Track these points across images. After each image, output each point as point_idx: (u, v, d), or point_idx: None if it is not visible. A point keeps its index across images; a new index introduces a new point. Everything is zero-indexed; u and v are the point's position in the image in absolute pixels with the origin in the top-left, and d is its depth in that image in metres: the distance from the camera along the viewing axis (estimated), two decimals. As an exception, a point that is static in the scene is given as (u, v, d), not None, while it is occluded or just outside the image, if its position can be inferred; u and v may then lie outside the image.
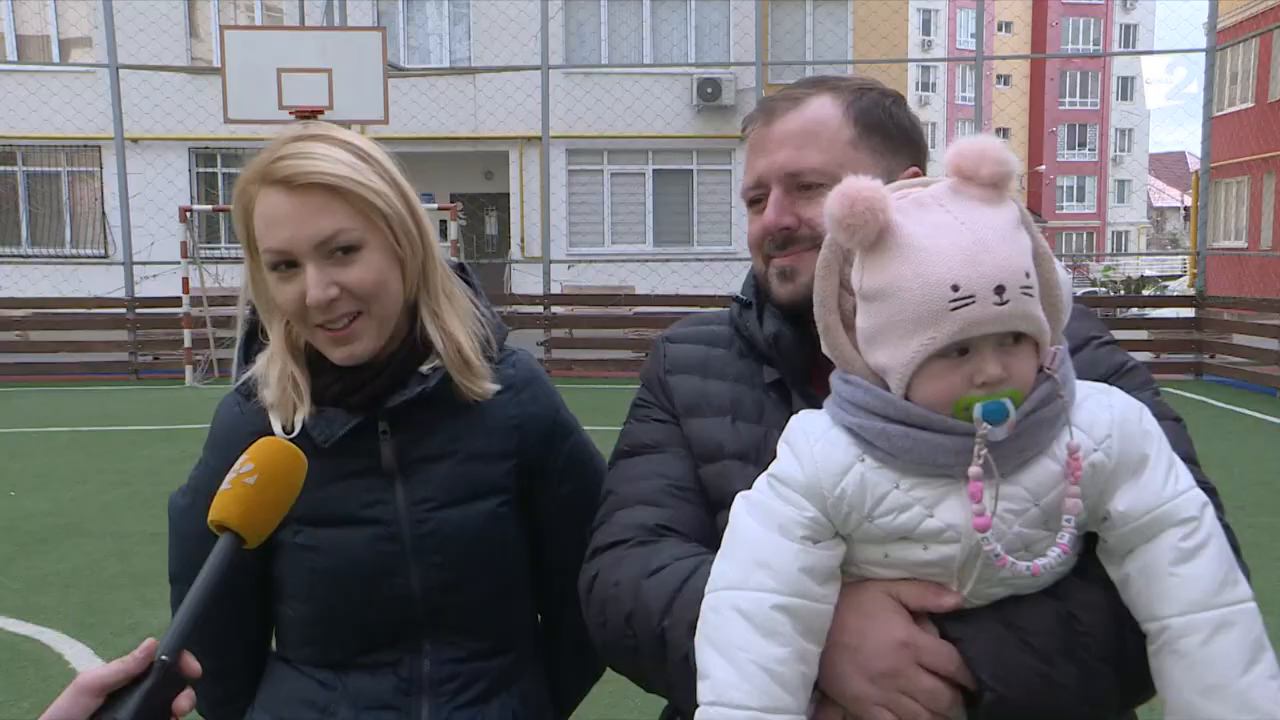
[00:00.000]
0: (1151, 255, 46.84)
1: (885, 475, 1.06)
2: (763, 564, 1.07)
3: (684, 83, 18.94)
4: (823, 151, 1.27)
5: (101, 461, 8.29)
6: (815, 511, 1.08)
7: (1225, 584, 1.03)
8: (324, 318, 1.37)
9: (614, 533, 1.31)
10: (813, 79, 1.36)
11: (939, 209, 1.05)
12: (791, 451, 1.11)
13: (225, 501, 1.16)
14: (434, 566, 1.43)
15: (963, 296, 1.00)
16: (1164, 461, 1.07)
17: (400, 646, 1.45)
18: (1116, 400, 1.10)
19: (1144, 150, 65.76)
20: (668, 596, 1.19)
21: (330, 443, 1.41)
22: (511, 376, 1.51)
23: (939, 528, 1.05)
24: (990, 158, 1.04)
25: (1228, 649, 1.01)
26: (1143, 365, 1.31)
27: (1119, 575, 1.07)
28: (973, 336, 1.01)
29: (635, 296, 15.11)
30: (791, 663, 1.05)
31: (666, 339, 1.48)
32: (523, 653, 1.54)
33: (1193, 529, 1.04)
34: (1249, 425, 10.02)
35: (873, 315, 1.06)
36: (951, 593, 1.08)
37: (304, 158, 1.36)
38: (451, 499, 1.44)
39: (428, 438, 1.45)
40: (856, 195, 1.03)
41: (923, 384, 1.04)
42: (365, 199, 1.36)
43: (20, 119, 18.14)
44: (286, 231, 1.35)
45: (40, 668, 4.18)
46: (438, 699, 1.44)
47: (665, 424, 1.39)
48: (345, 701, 1.44)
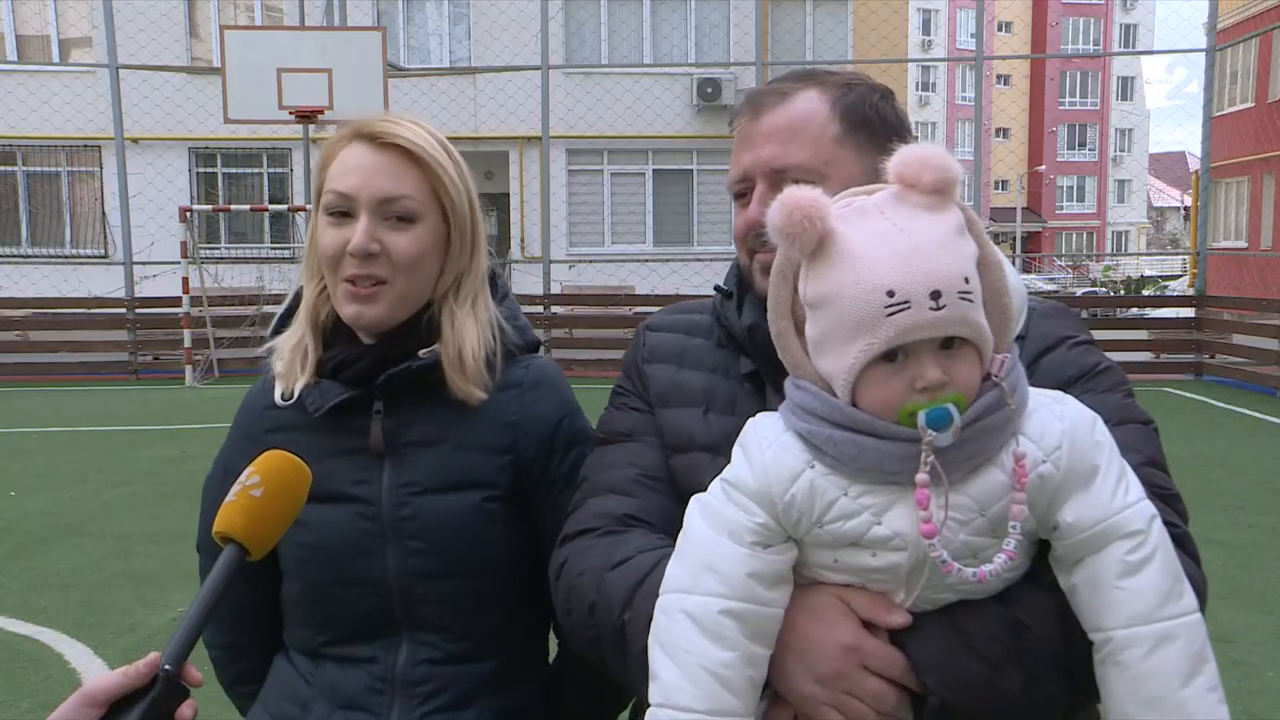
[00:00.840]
0: (1151, 255, 46.86)
1: (834, 482, 1.07)
2: (711, 568, 1.08)
3: (684, 83, 18.93)
4: (808, 148, 1.27)
5: (101, 461, 8.29)
6: (765, 517, 1.08)
7: (1170, 597, 1.04)
8: (355, 271, 1.40)
9: (583, 520, 1.32)
10: (801, 72, 1.36)
11: (880, 217, 1.05)
12: (744, 456, 1.12)
13: (230, 513, 1.16)
14: (410, 552, 1.43)
15: (898, 302, 1.01)
16: (1114, 473, 1.08)
17: (377, 641, 1.44)
18: (1069, 410, 1.10)
19: (1144, 150, 65.78)
20: (629, 590, 1.20)
21: (320, 412, 1.43)
22: (520, 377, 1.51)
23: (886, 535, 1.05)
24: (932, 165, 1.05)
25: (1169, 661, 1.02)
26: (1116, 366, 1.31)
27: (1067, 584, 1.08)
28: (909, 342, 1.02)
29: (635, 296, 15.11)
30: (738, 666, 1.06)
31: (647, 327, 1.49)
32: (511, 665, 1.50)
33: (1139, 542, 1.05)
34: (1249, 425, 10.02)
35: (817, 323, 1.08)
36: (900, 611, 1.08)
37: (396, 124, 1.43)
38: (435, 485, 1.44)
39: (420, 422, 1.46)
40: (795, 204, 1.04)
41: (865, 390, 1.05)
42: (438, 175, 1.42)
43: (20, 119, 18.14)
44: (356, 179, 1.41)
45: (40, 668, 4.18)
46: (410, 700, 1.43)
47: (640, 413, 1.40)
48: (321, 698, 1.45)
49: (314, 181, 1.49)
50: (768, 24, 17.25)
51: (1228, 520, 6.14)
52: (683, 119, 19.06)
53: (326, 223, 1.43)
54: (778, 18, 19.46)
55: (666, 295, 14.63)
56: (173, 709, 1.06)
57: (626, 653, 1.18)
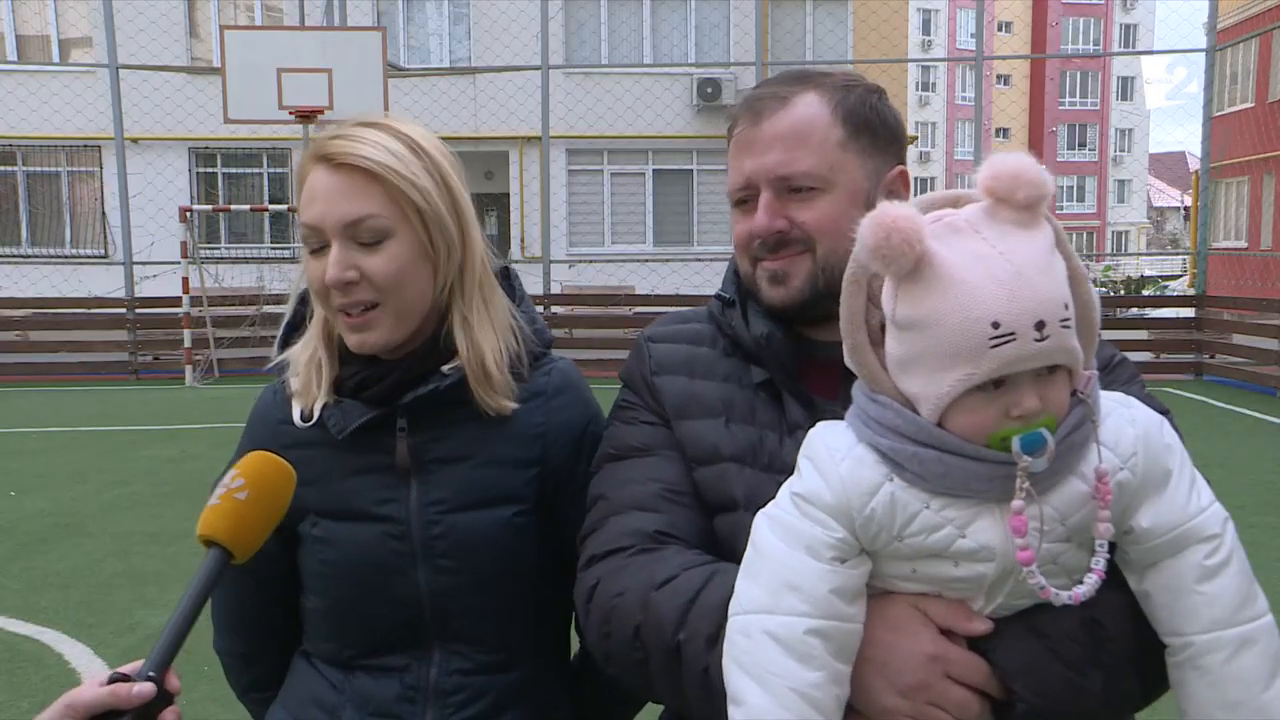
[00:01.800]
0: (1151, 255, 46.83)
1: (915, 495, 1.04)
2: (792, 586, 1.05)
3: (684, 83, 18.93)
4: (813, 154, 1.26)
5: (101, 461, 8.29)
6: (844, 532, 1.06)
7: (1247, 600, 1.04)
8: (341, 301, 1.37)
9: (610, 540, 1.28)
10: (795, 73, 1.34)
11: (975, 236, 1.01)
12: (816, 469, 1.09)
13: (214, 517, 1.15)
14: (442, 570, 1.41)
15: (1003, 334, 0.97)
16: (1186, 476, 1.07)
17: (409, 652, 1.43)
18: (1139, 415, 1.09)
19: (1144, 150, 65.78)
20: (680, 609, 1.16)
21: (344, 434, 1.40)
22: (544, 384, 1.48)
23: (973, 548, 1.03)
24: (1026, 180, 1.01)
25: (1250, 665, 1.01)
26: (1127, 359, 1.32)
27: (1139, 588, 1.07)
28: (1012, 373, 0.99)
29: (635, 296, 15.11)
30: (826, 685, 1.04)
31: (649, 339, 1.45)
32: (539, 669, 1.50)
33: (1216, 546, 1.04)
34: (1249, 425, 10.02)
35: (907, 344, 1.04)
36: (981, 618, 1.07)
37: (353, 140, 1.36)
38: (465, 503, 1.41)
39: (446, 439, 1.43)
40: (893, 225, 0.99)
41: (957, 415, 1.02)
42: (401, 190, 1.35)
43: (20, 119, 18.13)
44: (319, 208, 1.36)
45: (40, 668, 4.18)
46: (443, 710, 1.42)
47: (655, 426, 1.36)
48: (351, 705, 1.43)
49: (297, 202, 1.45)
50: (768, 24, 17.25)
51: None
52: (683, 119, 19.05)
53: (307, 255, 1.39)
54: (778, 18, 19.46)
55: (666, 295, 14.64)
56: (154, 715, 1.05)
57: (683, 674, 1.15)
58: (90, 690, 1.04)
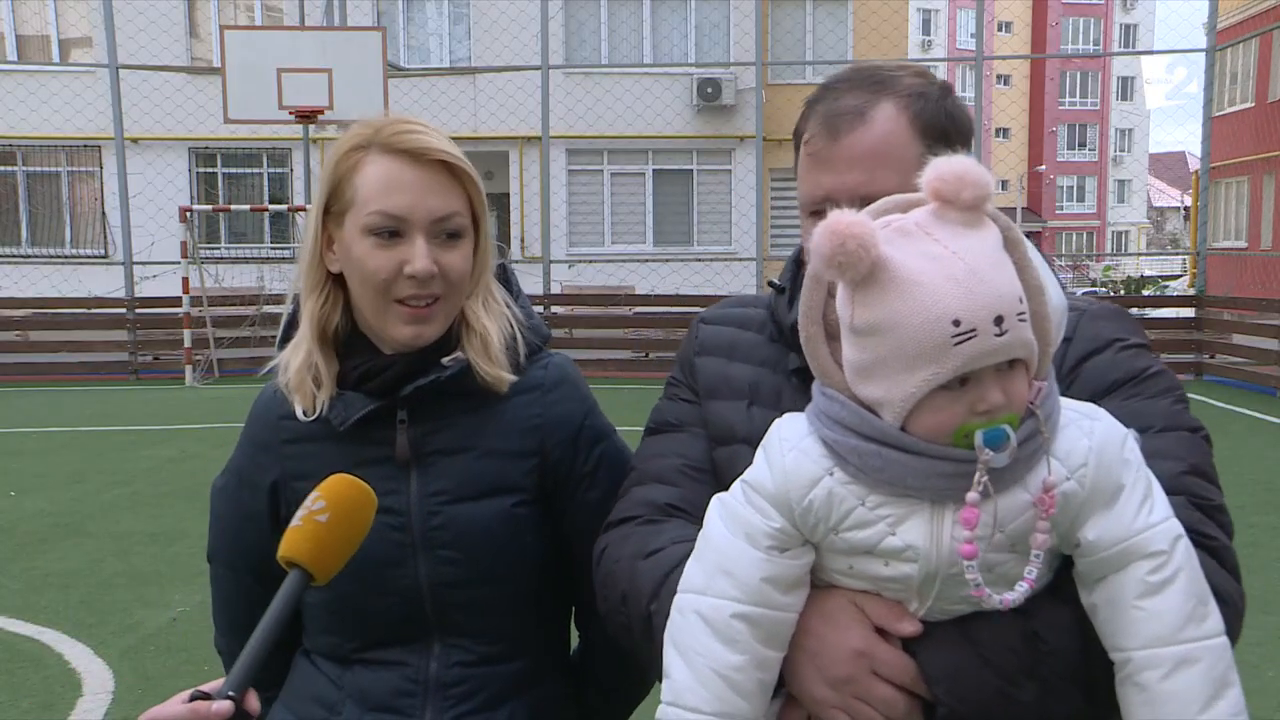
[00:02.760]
0: (1151, 255, 46.85)
1: (853, 490, 1.06)
2: (726, 571, 1.09)
3: (684, 83, 18.93)
4: (895, 173, 1.23)
5: (101, 461, 8.28)
6: (783, 521, 1.08)
7: (1191, 619, 1.02)
8: (415, 291, 1.38)
9: (626, 508, 1.34)
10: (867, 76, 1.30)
11: (927, 238, 1.02)
12: (765, 458, 1.11)
13: (296, 539, 1.16)
14: (443, 560, 1.42)
15: (964, 331, 0.98)
16: (1139, 492, 1.06)
17: (409, 645, 1.44)
18: (1099, 427, 1.08)
19: (1144, 150, 65.79)
20: (657, 581, 1.21)
21: (346, 426, 1.41)
22: (541, 377, 1.50)
23: (899, 546, 1.05)
24: (970, 181, 1.02)
25: (1188, 685, 1.00)
26: (1169, 371, 1.28)
27: (1088, 602, 1.07)
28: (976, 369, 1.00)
29: (635, 296, 15.11)
30: (748, 670, 1.06)
31: (702, 320, 1.49)
32: (540, 662, 1.51)
33: (1161, 563, 1.03)
34: (1249, 425, 10.02)
35: (867, 349, 1.04)
36: (912, 620, 1.08)
37: (428, 134, 1.39)
38: (465, 494, 1.43)
39: (446, 430, 1.44)
40: (846, 232, 1.00)
41: (922, 416, 1.03)
42: (478, 188, 1.42)
43: (20, 119, 18.14)
44: (408, 199, 1.37)
45: (40, 668, 4.18)
46: (443, 702, 1.42)
47: (690, 404, 1.41)
48: (352, 701, 1.44)
49: (324, 188, 1.43)
50: (768, 24, 17.26)
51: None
52: (683, 119, 19.05)
53: (374, 244, 1.37)
54: (778, 18, 19.47)
55: (666, 295, 14.65)
56: None
57: (653, 641, 1.18)
58: (172, 707, 1.06)
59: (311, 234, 1.44)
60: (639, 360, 14.23)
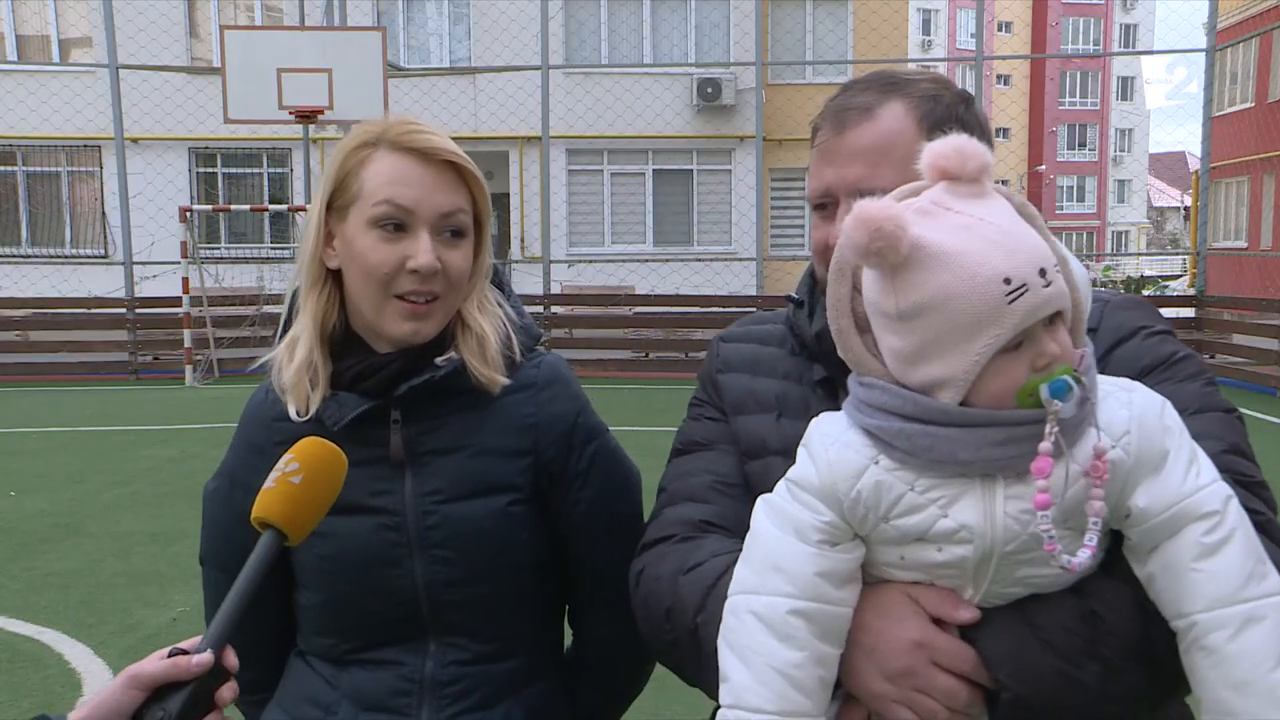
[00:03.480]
0: (1151, 255, 46.82)
1: (900, 476, 1.06)
2: (778, 568, 1.08)
3: (684, 83, 18.93)
4: (895, 169, 1.24)
5: (101, 461, 8.28)
6: (832, 515, 1.08)
7: (1252, 577, 1.01)
8: (416, 286, 1.39)
9: (661, 528, 1.34)
10: (882, 79, 1.32)
11: (948, 213, 1.04)
12: (808, 455, 1.12)
13: (270, 499, 1.17)
14: (438, 560, 1.42)
15: (1016, 288, 1.00)
16: (1184, 456, 1.06)
17: (405, 645, 1.44)
18: (1136, 397, 1.09)
19: (1144, 150, 65.79)
20: (702, 593, 1.20)
21: (339, 426, 1.41)
22: (534, 376, 1.50)
23: (952, 528, 1.04)
24: (970, 152, 1.05)
25: (1257, 642, 0.99)
26: (1196, 356, 1.29)
27: (1144, 573, 1.06)
28: (1033, 323, 1.01)
29: (635, 296, 15.11)
30: (808, 666, 1.06)
31: (721, 339, 1.50)
32: (534, 660, 1.51)
33: (1215, 523, 1.03)
34: (1249, 425, 9.94)
35: (917, 332, 1.04)
36: (969, 606, 1.07)
37: (436, 136, 1.42)
38: (460, 493, 1.43)
39: (440, 430, 1.45)
40: (881, 219, 1.01)
41: (985, 384, 1.03)
42: (483, 188, 1.45)
43: (20, 119, 18.13)
44: (415, 193, 1.39)
45: (40, 668, 4.18)
46: (439, 701, 1.43)
47: (716, 422, 1.41)
48: (347, 701, 1.44)
49: (328, 182, 1.44)
50: (768, 24, 17.26)
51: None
52: (683, 119, 19.05)
53: (379, 236, 1.39)
54: (778, 18, 19.47)
55: (666, 295, 14.65)
56: (213, 690, 1.09)
57: (701, 655, 1.18)
58: (152, 663, 1.07)
59: (314, 229, 1.44)
60: (639, 360, 14.23)
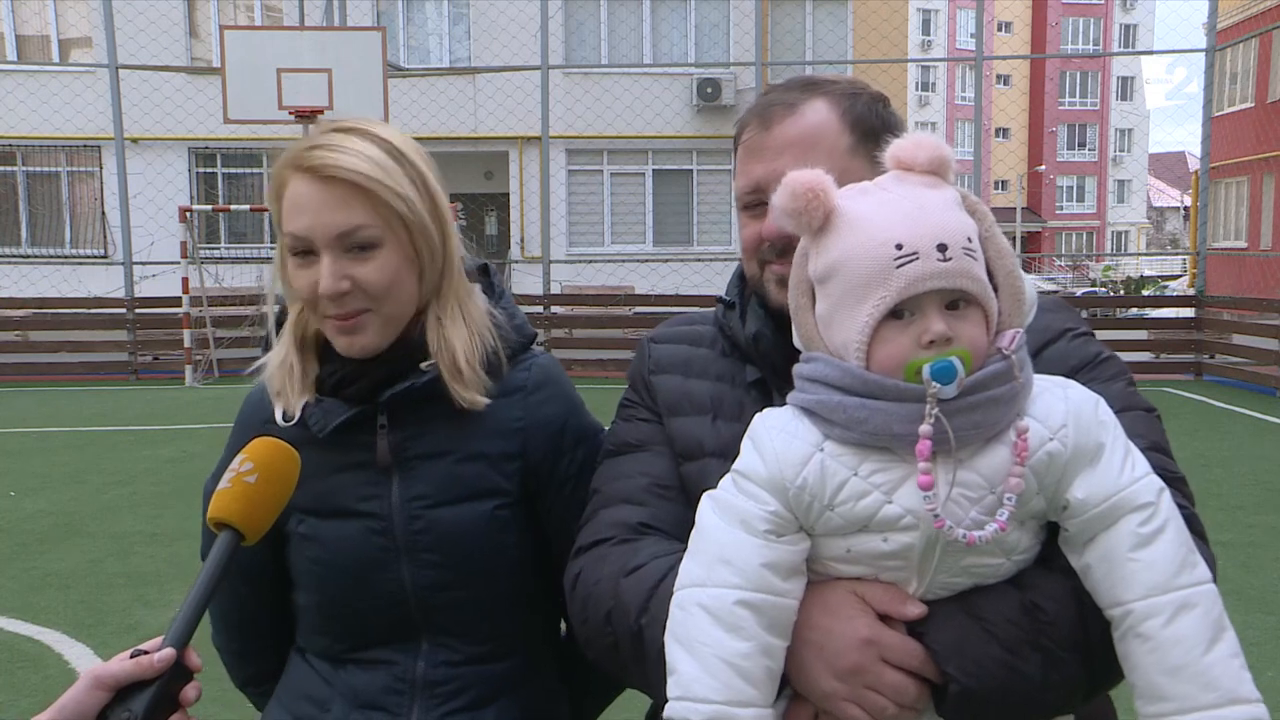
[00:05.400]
0: (1151, 255, 46.85)
1: (844, 462, 1.08)
2: (725, 560, 1.10)
3: (684, 83, 18.93)
4: (823, 160, 1.26)
5: (101, 461, 8.29)
6: (777, 505, 1.09)
7: (1184, 566, 1.05)
8: (334, 310, 1.39)
9: (597, 531, 1.34)
10: (802, 80, 1.37)
11: (882, 191, 1.10)
12: (754, 446, 1.13)
13: (225, 500, 1.17)
14: (427, 564, 1.43)
15: (907, 253, 1.04)
16: (1120, 449, 1.09)
17: (398, 645, 1.45)
18: (1072, 393, 1.12)
19: (1144, 150, 65.78)
20: (645, 594, 1.21)
21: (325, 433, 1.42)
22: (524, 379, 1.50)
23: (897, 514, 1.06)
24: (925, 145, 1.11)
25: (1189, 629, 1.03)
26: (1117, 357, 1.34)
27: (1080, 564, 1.09)
28: (919, 293, 1.04)
29: (635, 296, 15.11)
30: (755, 657, 1.07)
31: (651, 339, 1.50)
32: (527, 660, 1.52)
33: (1150, 514, 1.06)
34: (1249, 425, 10.02)
35: (828, 295, 1.10)
36: (915, 602, 1.09)
37: (336, 150, 1.37)
38: (447, 497, 1.43)
39: (426, 435, 1.45)
40: (802, 183, 1.08)
41: (876, 351, 1.07)
42: (387, 201, 1.37)
43: (20, 119, 18.13)
44: (308, 219, 1.37)
45: (40, 668, 4.18)
46: (430, 701, 1.43)
47: (649, 423, 1.41)
48: (341, 698, 1.45)
49: (270, 207, 1.45)
50: (768, 24, 17.26)
51: (1228, 520, 6.14)
52: (682, 119, 19.06)
53: (294, 263, 1.40)
54: (778, 18, 19.46)
55: (666, 295, 14.64)
56: (177, 691, 1.09)
57: (645, 657, 1.19)
58: (115, 664, 1.08)
59: (278, 250, 1.46)
60: (639, 360, 14.20)
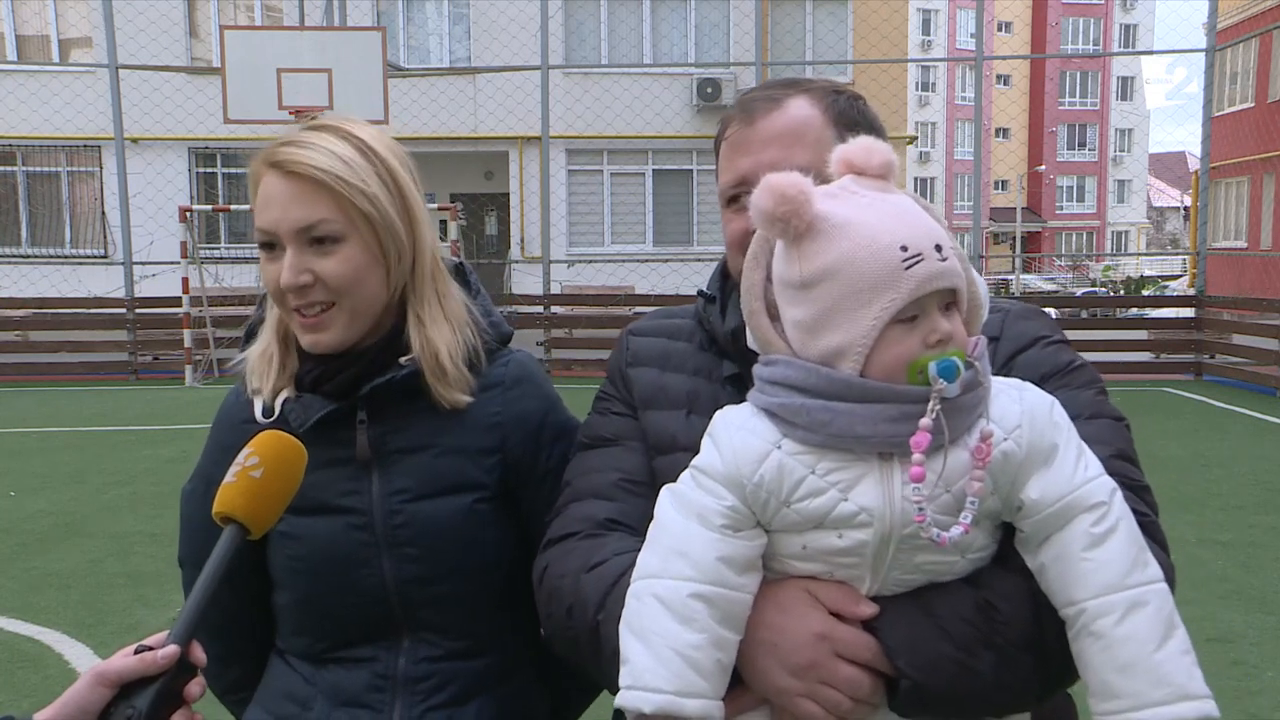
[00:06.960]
0: (1151, 255, 46.86)
1: (802, 460, 1.08)
2: (681, 553, 1.11)
3: (684, 83, 18.93)
4: (808, 152, 1.29)
5: (101, 461, 8.29)
6: (734, 500, 1.10)
7: (1136, 565, 1.07)
8: (297, 303, 1.39)
9: (565, 525, 1.34)
10: (783, 80, 1.39)
11: (852, 195, 1.10)
12: (713, 443, 1.15)
13: (230, 494, 1.17)
14: (407, 559, 1.43)
15: (913, 255, 1.05)
16: (1073, 450, 1.11)
17: (379, 642, 1.45)
18: (1027, 394, 1.14)
19: (1144, 150, 65.78)
20: (603, 591, 1.22)
21: (305, 428, 1.42)
22: (501, 375, 1.51)
23: (853, 511, 1.07)
24: (877, 149, 1.13)
25: (1141, 627, 1.04)
26: (1089, 365, 1.35)
27: (1035, 564, 1.10)
28: (927, 293, 1.05)
29: (635, 296, 15.11)
30: (706, 649, 1.08)
31: (630, 332, 1.50)
32: (508, 656, 1.52)
33: (1103, 514, 1.08)
34: (1249, 425, 10.02)
35: (818, 300, 1.09)
36: (867, 602, 1.10)
37: (304, 147, 1.39)
38: (426, 491, 1.44)
39: (406, 429, 1.45)
40: (787, 187, 1.07)
41: (880, 353, 1.07)
42: (349, 197, 1.37)
43: (20, 119, 18.14)
44: (273, 213, 1.39)
45: (40, 668, 4.18)
46: (412, 697, 1.44)
47: (624, 417, 1.42)
48: (322, 697, 1.45)
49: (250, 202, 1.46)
50: (768, 24, 17.26)
51: (1228, 520, 6.15)
52: (682, 119, 19.06)
53: (263, 257, 1.42)
54: (778, 18, 19.46)
55: (666, 295, 14.63)
56: (181, 686, 1.09)
57: (600, 653, 1.20)
58: (118, 660, 1.08)
59: None
60: (639, 360, 14.20)
